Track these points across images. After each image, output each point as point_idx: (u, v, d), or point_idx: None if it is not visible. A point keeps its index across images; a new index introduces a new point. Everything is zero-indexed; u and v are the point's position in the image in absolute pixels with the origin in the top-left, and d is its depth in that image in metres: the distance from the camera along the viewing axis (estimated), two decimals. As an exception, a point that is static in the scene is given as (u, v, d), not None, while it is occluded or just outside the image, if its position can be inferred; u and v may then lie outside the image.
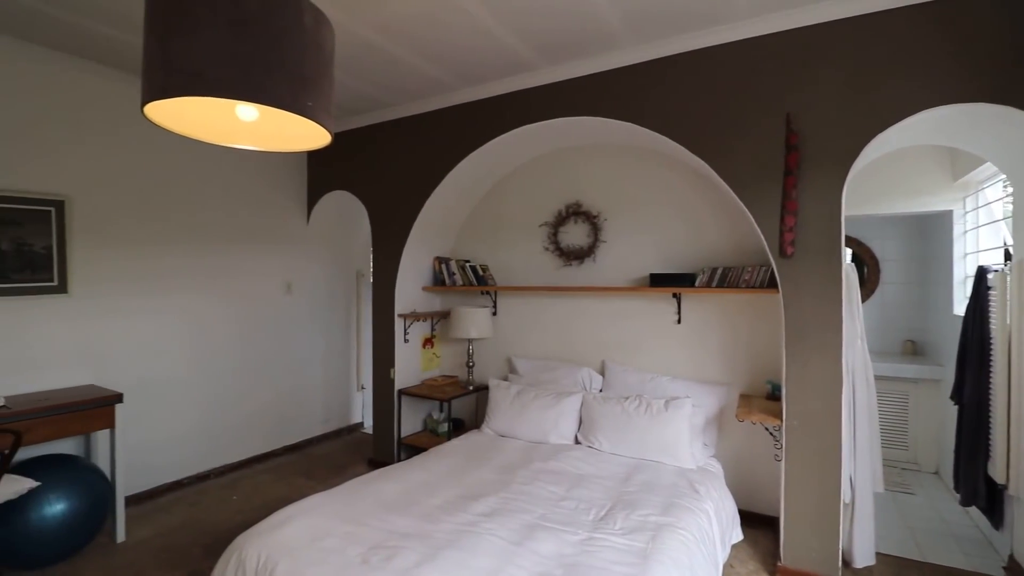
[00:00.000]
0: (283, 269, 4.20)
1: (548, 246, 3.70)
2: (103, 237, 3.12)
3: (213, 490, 3.58)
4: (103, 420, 2.81)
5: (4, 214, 2.72)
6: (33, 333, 2.86)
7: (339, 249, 4.70)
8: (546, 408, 3.20)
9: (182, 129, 1.49)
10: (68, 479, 2.64)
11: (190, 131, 1.50)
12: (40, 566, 2.57)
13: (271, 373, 4.13)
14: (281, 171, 4.17)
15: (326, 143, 1.63)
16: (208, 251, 3.68)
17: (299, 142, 1.69)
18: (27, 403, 2.61)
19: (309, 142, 1.67)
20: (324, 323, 4.57)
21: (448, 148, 3.57)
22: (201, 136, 1.53)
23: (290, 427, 4.29)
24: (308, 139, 1.66)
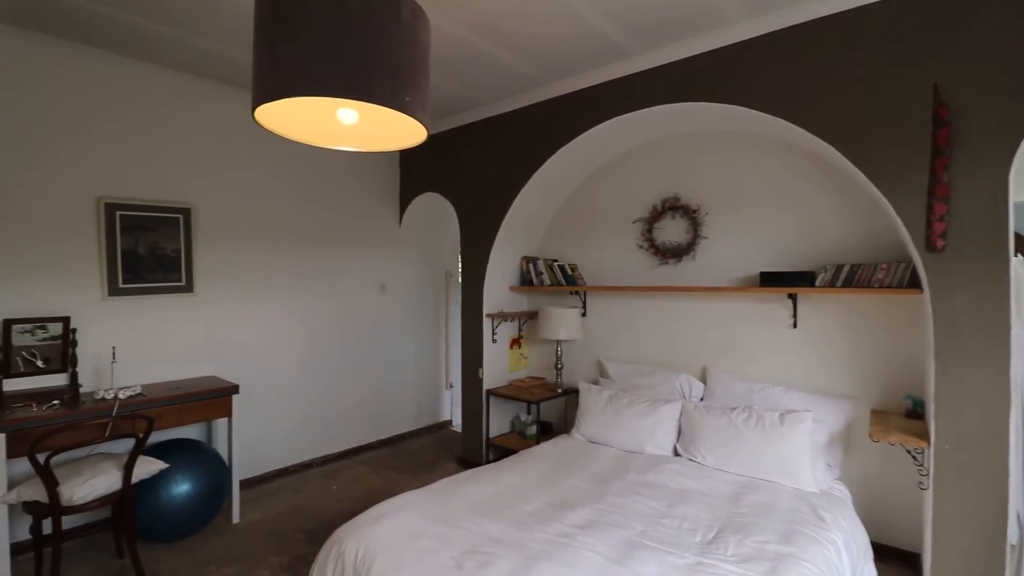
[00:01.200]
0: (378, 270, 4.36)
1: (642, 243, 3.50)
2: (221, 241, 3.40)
3: (315, 478, 3.77)
4: (222, 409, 3.04)
5: (142, 221, 3.04)
6: (165, 328, 3.16)
7: (429, 250, 4.79)
8: (641, 415, 3.01)
9: (289, 133, 1.52)
10: (192, 462, 2.89)
11: (296, 135, 1.53)
12: (168, 541, 2.83)
13: (367, 370, 4.30)
14: (376, 176, 4.32)
15: (422, 139, 1.61)
16: (312, 253, 3.89)
17: (397, 140, 1.68)
18: (159, 391, 2.89)
19: (406, 139, 1.66)
20: (415, 322, 4.68)
21: (536, 145, 3.48)
22: (306, 139, 1.56)
23: (384, 422, 4.44)
24: (405, 137, 1.65)
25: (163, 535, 2.79)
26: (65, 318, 2.76)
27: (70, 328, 2.78)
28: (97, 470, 2.39)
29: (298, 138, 1.53)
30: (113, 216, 2.93)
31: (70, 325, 2.78)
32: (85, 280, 2.86)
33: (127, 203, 2.98)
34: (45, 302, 2.74)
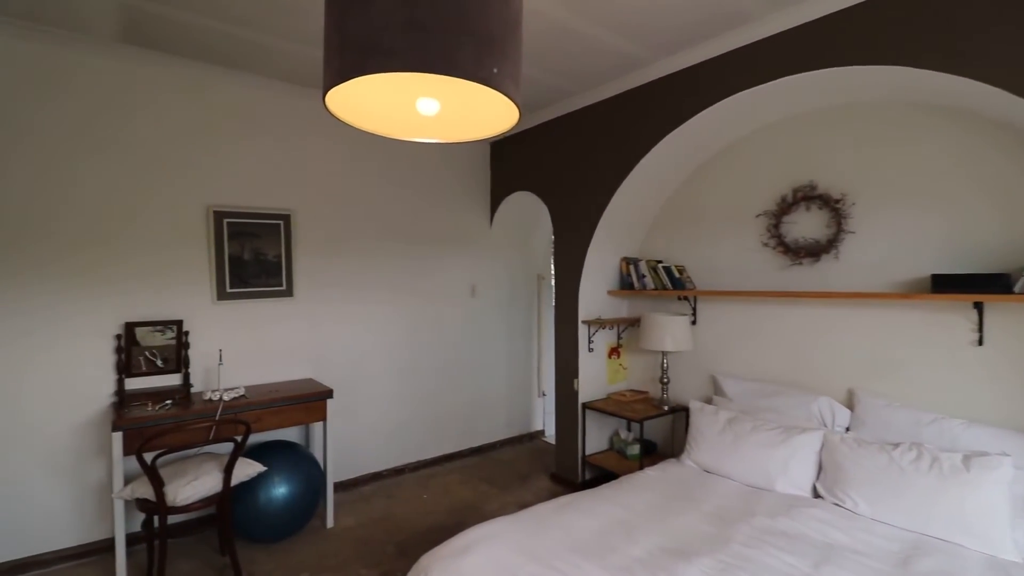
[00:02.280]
0: (468, 272, 4.23)
1: (768, 240, 2.99)
2: (318, 245, 3.43)
3: (408, 484, 3.71)
4: (317, 413, 3.05)
5: (247, 228, 3.13)
6: (267, 331, 3.24)
7: (520, 251, 4.59)
8: (770, 445, 2.54)
9: (364, 124, 1.35)
10: (289, 465, 2.91)
11: (372, 126, 1.36)
12: (267, 541, 2.87)
13: (458, 375, 4.18)
14: (467, 175, 4.20)
15: (513, 122, 1.36)
16: (405, 255, 3.85)
17: (484, 126, 1.45)
18: (260, 393, 2.95)
19: (496, 124, 1.42)
20: (506, 327, 4.50)
21: (639, 133, 3.12)
22: (382, 131, 1.38)
23: (475, 429, 4.30)
24: (494, 121, 1.41)
25: (262, 536, 2.83)
26: (178, 321, 2.90)
27: (183, 331, 2.92)
28: (200, 471, 2.45)
29: (374, 129, 1.35)
30: (221, 224, 3.04)
31: (183, 328, 2.92)
32: (197, 285, 3.00)
33: (233, 211, 3.09)
34: (162, 306, 2.89)
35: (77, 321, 2.66)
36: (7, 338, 2.51)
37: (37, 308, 2.58)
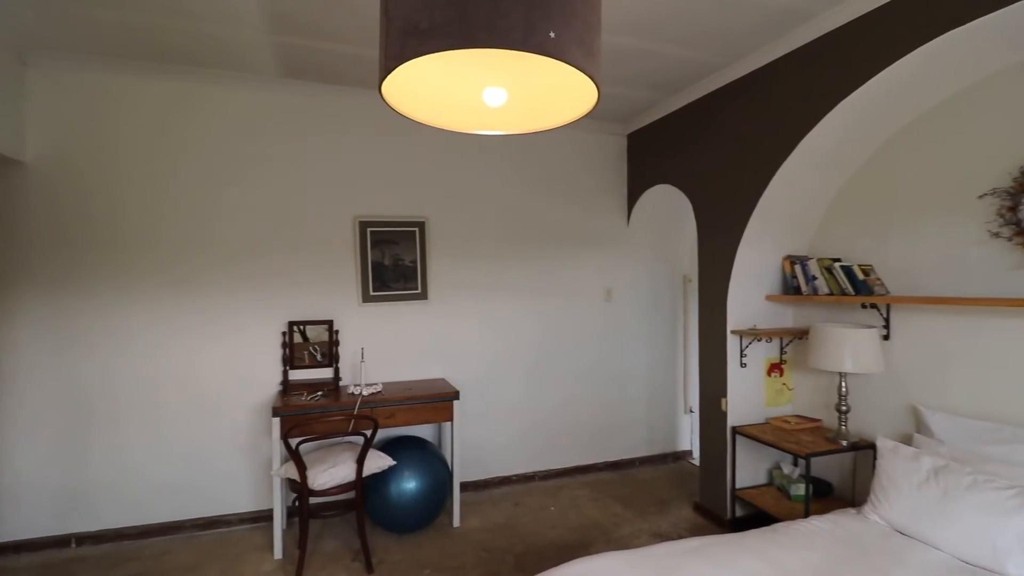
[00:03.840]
0: (604, 274, 3.98)
1: (998, 229, 2.19)
2: (451, 249, 3.54)
3: (536, 493, 3.61)
4: (445, 413, 3.12)
5: (387, 235, 3.36)
6: (403, 332, 3.44)
7: (662, 251, 4.17)
8: (1000, 511, 1.83)
9: (423, 116, 1.25)
10: (418, 461, 3.02)
11: (431, 118, 1.26)
12: (398, 532, 3.01)
13: (593, 383, 3.96)
14: (601, 172, 3.95)
15: (592, 101, 1.15)
16: (536, 257, 3.77)
17: (559, 113, 1.27)
18: (395, 391, 3.12)
19: (573, 107, 1.23)
20: (647, 334, 4.13)
21: (801, 105, 2.56)
22: (444, 124, 1.28)
23: (611, 442, 4.03)
24: (572, 104, 1.22)
25: (393, 526, 2.99)
26: (329, 321, 3.22)
27: (334, 329, 3.24)
28: (337, 460, 2.66)
29: (432, 121, 1.25)
30: (365, 232, 3.31)
31: (334, 327, 3.24)
32: (346, 288, 3.31)
33: (376, 220, 3.34)
34: (318, 307, 3.25)
35: (252, 318, 3.13)
36: (195, 330, 3.05)
37: (217, 306, 3.07)
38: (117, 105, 2.89)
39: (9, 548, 2.73)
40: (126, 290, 2.91)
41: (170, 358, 2.99)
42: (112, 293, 2.89)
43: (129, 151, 2.91)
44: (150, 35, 2.56)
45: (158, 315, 2.97)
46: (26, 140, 2.73)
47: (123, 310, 2.91)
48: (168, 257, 2.98)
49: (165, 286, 2.97)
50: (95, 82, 2.84)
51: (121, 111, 2.89)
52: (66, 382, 2.83)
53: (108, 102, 2.87)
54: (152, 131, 2.95)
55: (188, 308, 3.02)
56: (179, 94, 2.98)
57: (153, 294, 2.95)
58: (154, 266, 2.95)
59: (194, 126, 3.02)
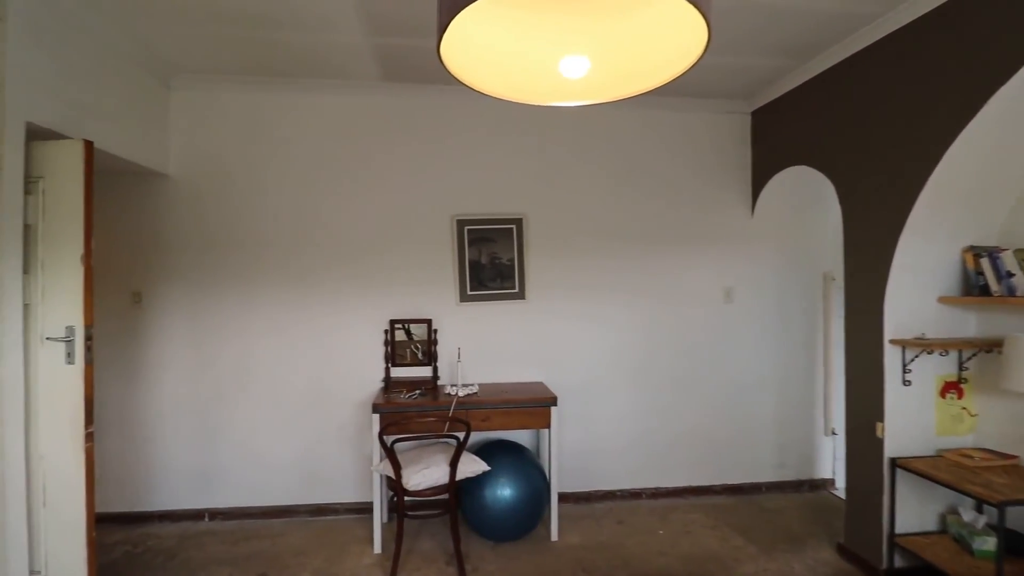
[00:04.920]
0: (721, 272, 3.53)
1: None
2: (550, 247, 3.37)
3: (642, 512, 3.30)
4: (542, 419, 2.95)
5: (484, 233, 3.29)
6: (500, 333, 3.34)
7: (795, 244, 3.59)
8: None
9: (490, 88, 1.08)
10: (513, 469, 2.88)
11: (500, 91, 1.09)
12: (493, 540, 2.90)
13: (708, 394, 3.53)
14: (718, 157, 3.51)
15: (701, 47, 0.90)
16: (643, 255, 3.46)
17: (655, 71, 1.02)
18: (491, 393, 3.03)
19: (673, 62, 0.98)
20: (776, 341, 3.58)
21: (994, 50, 1.97)
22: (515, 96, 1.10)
23: (731, 463, 3.56)
24: (671, 58, 0.98)
25: (488, 533, 2.89)
26: (428, 320, 3.22)
27: (432, 329, 3.23)
28: (431, 461, 2.62)
29: (500, 94, 1.08)
30: (463, 231, 3.27)
31: (432, 326, 3.23)
32: (444, 288, 3.29)
33: (473, 218, 3.28)
34: (418, 306, 3.27)
35: (358, 315, 3.24)
36: (308, 327, 3.22)
37: (326, 304, 3.23)
38: (240, 118, 3.16)
39: (155, 517, 3.11)
40: (250, 289, 3.17)
41: (288, 352, 3.20)
42: (239, 292, 3.16)
43: (249, 159, 3.17)
44: (264, 51, 2.75)
45: (277, 312, 3.19)
46: (169, 155, 3.10)
47: (248, 308, 3.17)
48: (283, 258, 3.19)
49: (282, 285, 3.19)
50: (222, 100, 3.14)
51: (243, 123, 3.17)
52: (202, 372, 3.15)
53: (233, 116, 3.16)
54: (268, 140, 3.18)
55: (301, 306, 3.21)
56: (290, 104, 3.19)
57: (272, 293, 3.18)
58: (272, 267, 3.18)
59: (303, 133, 3.21)
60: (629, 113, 3.41)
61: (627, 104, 3.37)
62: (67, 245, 2.08)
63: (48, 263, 2.08)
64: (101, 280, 3.04)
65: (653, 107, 3.41)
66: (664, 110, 3.44)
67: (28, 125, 2.00)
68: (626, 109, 3.37)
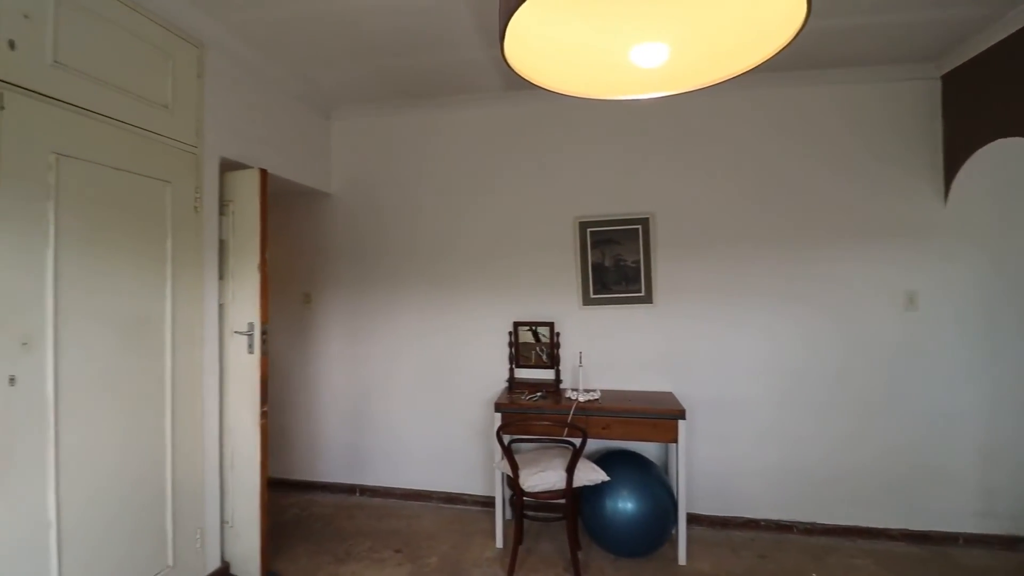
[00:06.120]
0: (901, 273, 2.92)
1: None
2: (680, 247, 3.13)
3: (792, 549, 2.89)
4: (667, 433, 2.76)
5: (607, 235, 3.19)
6: (625, 338, 3.20)
7: (1006, 240, 2.81)
8: None
9: (557, 84, 1.04)
10: (637, 482, 2.75)
11: (568, 86, 1.04)
12: (614, 553, 2.79)
13: (883, 420, 2.95)
14: (895, 134, 2.91)
15: (799, 22, 0.77)
16: (792, 256, 3.03)
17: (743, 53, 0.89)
18: (613, 400, 2.92)
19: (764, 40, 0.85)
20: (980, 358, 2.85)
21: None
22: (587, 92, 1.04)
23: (913, 504, 2.93)
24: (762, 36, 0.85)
25: (609, 545, 2.79)
26: (550, 323, 3.23)
27: (555, 332, 3.23)
28: (548, 465, 2.62)
29: (567, 90, 1.03)
30: (585, 233, 3.21)
31: (555, 329, 3.23)
32: (567, 291, 3.27)
33: (596, 220, 3.21)
34: (541, 308, 3.30)
35: (486, 317, 3.38)
36: (443, 326, 3.44)
37: (457, 306, 3.42)
38: (383, 139, 3.54)
39: (317, 487, 3.62)
40: (394, 293, 3.52)
41: (425, 351, 3.48)
42: (386, 296, 3.53)
43: (392, 175, 3.52)
44: (402, 76, 3.04)
45: (417, 314, 3.49)
46: (331, 176, 3.59)
47: (393, 310, 3.52)
48: (421, 265, 3.48)
49: (421, 289, 3.47)
50: (369, 124, 3.55)
51: (386, 143, 3.53)
52: (356, 366, 3.58)
53: (377, 137, 3.55)
54: (407, 156, 3.50)
55: (436, 308, 3.46)
56: (425, 122, 3.47)
57: (412, 297, 3.49)
58: (412, 273, 3.49)
59: (437, 148, 3.46)
60: (774, 92, 3.02)
61: (770, 82, 3.01)
62: (249, 256, 2.53)
63: (236, 271, 2.55)
64: (279, 283, 3.65)
65: (805, 82, 2.98)
66: (819, 84, 2.97)
67: (221, 160, 2.49)
68: (769, 87, 3.00)
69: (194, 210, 2.34)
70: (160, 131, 2.17)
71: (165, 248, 2.20)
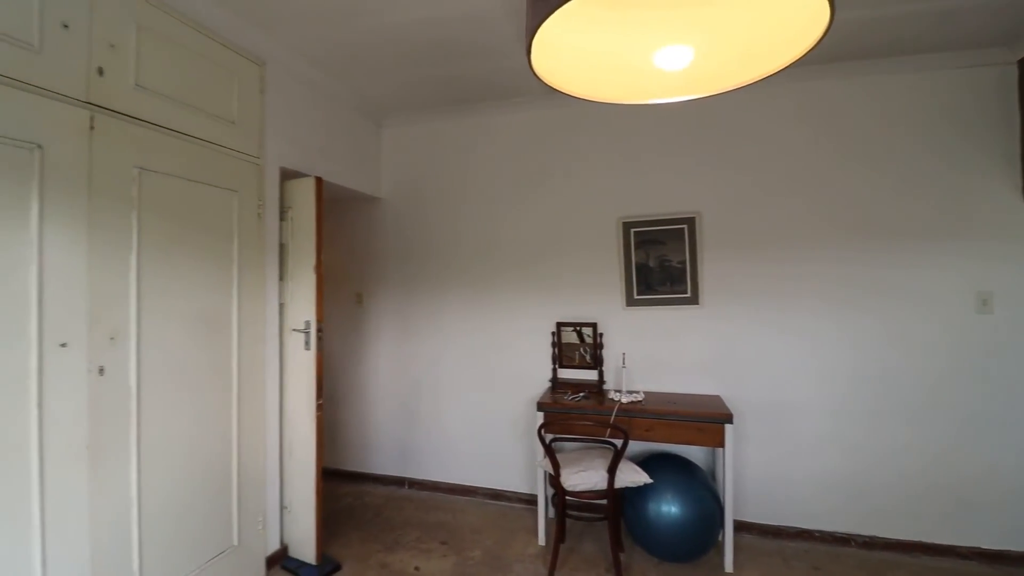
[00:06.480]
0: (974, 274, 2.72)
1: None
2: (728, 247, 3.06)
3: (849, 563, 2.75)
4: (713, 437, 2.70)
5: (652, 235, 3.15)
6: (670, 340, 3.15)
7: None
8: None
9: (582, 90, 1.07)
10: (681, 486, 2.71)
11: (593, 92, 1.06)
12: (658, 556, 2.76)
13: (952, 430, 2.76)
14: (964, 124, 2.71)
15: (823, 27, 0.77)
16: (850, 258, 2.89)
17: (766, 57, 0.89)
18: (657, 402, 2.89)
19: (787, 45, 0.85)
20: (1069, 366, 2.62)
21: None
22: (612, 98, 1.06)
23: (986, 520, 2.72)
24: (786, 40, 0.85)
25: (653, 549, 2.76)
26: (593, 323, 3.23)
27: (598, 332, 3.23)
28: (590, 464, 2.63)
29: (596, 96, 1.06)
30: (629, 233, 3.19)
31: (598, 330, 3.23)
32: (610, 291, 3.26)
33: (639, 220, 3.18)
34: (584, 309, 3.31)
35: (528, 317, 3.42)
36: (486, 326, 3.52)
37: (500, 306, 3.49)
38: (430, 144, 3.66)
39: (369, 478, 3.79)
40: (440, 294, 3.63)
41: (470, 349, 3.57)
42: (432, 297, 3.65)
43: (438, 179, 3.64)
44: (448, 84, 3.13)
45: (462, 313, 3.58)
46: (381, 182, 3.75)
47: (439, 310, 3.63)
48: (466, 266, 3.57)
49: (465, 289, 3.57)
50: (417, 130, 3.69)
51: (432, 148, 3.66)
52: (405, 364, 3.72)
53: (424, 143, 3.67)
54: (452, 160, 3.61)
55: (481, 308, 3.54)
56: (469, 127, 3.57)
57: (458, 297, 3.59)
58: (457, 273, 3.59)
59: (480, 151, 3.55)
60: (826, 85, 2.89)
61: (822, 74, 2.88)
62: (306, 258, 2.69)
63: (294, 272, 2.73)
64: (333, 284, 3.84)
65: (864, 72, 2.83)
66: (879, 74, 2.82)
67: (281, 169, 2.67)
68: (821, 80, 2.87)
69: (257, 216, 2.53)
70: (227, 144, 2.36)
71: (232, 252, 2.39)
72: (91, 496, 1.78)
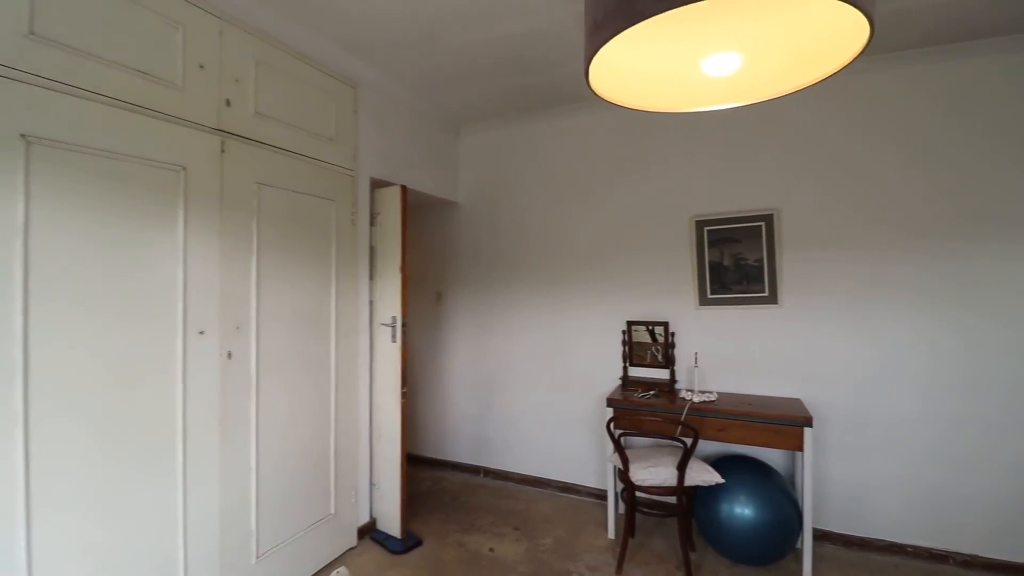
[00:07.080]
0: (1104, 272, 2.43)
1: None
2: (809, 246, 2.94)
3: (947, 583, 2.57)
4: (792, 440, 2.63)
5: (726, 234, 3.10)
6: (746, 340, 3.09)
7: None
8: None
9: (636, 101, 1.15)
10: (756, 488, 2.66)
11: (644, 102, 1.14)
12: (731, 558, 2.73)
13: (1076, 445, 2.49)
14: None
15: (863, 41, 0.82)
16: (939, 256, 2.69)
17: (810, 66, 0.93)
18: (731, 403, 2.85)
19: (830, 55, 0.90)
20: None
21: None
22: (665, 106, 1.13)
23: (1123, 552, 2.42)
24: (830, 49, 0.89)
25: (726, 550, 2.73)
26: (665, 322, 3.24)
27: (670, 331, 3.23)
28: (659, 461, 2.66)
29: (651, 106, 1.14)
30: (702, 232, 3.16)
31: (669, 329, 3.23)
32: (682, 290, 3.25)
33: (713, 218, 3.14)
34: (655, 308, 3.32)
35: (599, 315, 3.49)
36: (557, 323, 3.62)
37: (569, 304, 3.58)
38: (501, 150, 3.84)
39: (447, 465, 4.03)
40: (512, 292, 3.79)
41: (541, 346, 3.70)
42: (504, 295, 3.82)
43: (510, 183, 3.80)
44: (518, 93, 3.29)
45: (533, 311, 3.72)
46: (458, 188, 3.97)
47: (511, 308, 3.80)
48: (536, 265, 3.70)
49: (536, 288, 3.70)
50: (489, 138, 3.88)
51: (503, 154, 3.84)
52: (479, 359, 3.93)
53: (495, 149, 3.86)
54: (522, 165, 3.76)
55: (551, 307, 3.66)
56: (538, 132, 3.70)
57: (528, 295, 3.73)
58: (528, 273, 3.73)
59: (549, 155, 3.66)
60: (909, 73, 2.70)
61: (906, 61, 2.70)
62: (393, 259, 2.95)
63: (382, 272, 3.00)
64: (417, 283, 4.13)
65: (959, 55, 2.61)
66: (976, 56, 2.59)
67: (371, 179, 2.95)
68: (910, 70, 2.69)
69: (351, 222, 2.82)
70: (327, 159, 2.67)
71: (330, 254, 2.69)
72: (221, 462, 2.12)
